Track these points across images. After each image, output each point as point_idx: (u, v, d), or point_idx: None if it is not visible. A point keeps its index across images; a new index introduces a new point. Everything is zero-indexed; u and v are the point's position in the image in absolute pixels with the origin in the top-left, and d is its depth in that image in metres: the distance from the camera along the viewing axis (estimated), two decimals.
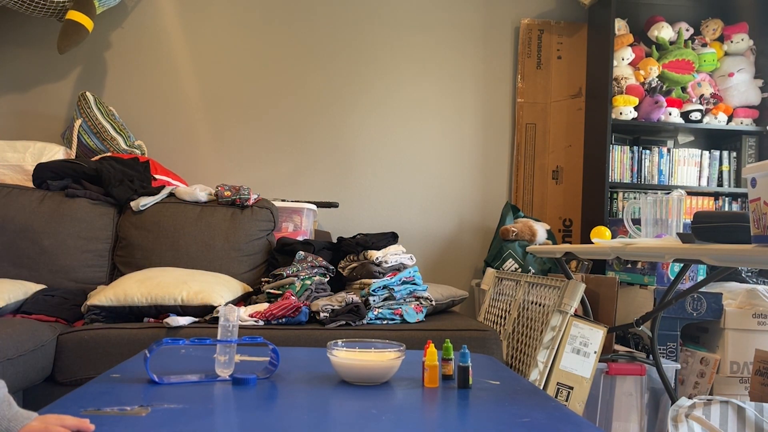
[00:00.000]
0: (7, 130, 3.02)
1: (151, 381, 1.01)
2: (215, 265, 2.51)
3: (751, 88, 3.18)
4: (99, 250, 2.57)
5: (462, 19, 3.34)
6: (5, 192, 2.55)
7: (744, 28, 3.19)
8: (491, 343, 2.07)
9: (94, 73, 3.13)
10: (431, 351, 1.07)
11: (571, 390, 2.07)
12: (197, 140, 3.18)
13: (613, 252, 1.81)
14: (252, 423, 0.86)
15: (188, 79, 3.19)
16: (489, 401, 1.00)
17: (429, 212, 3.30)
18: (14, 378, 1.73)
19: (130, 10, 3.15)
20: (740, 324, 2.45)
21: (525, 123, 3.34)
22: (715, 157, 3.21)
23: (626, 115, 3.05)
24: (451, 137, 3.33)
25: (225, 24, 3.21)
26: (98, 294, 2.12)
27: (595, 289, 2.40)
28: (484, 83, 3.35)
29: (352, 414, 0.93)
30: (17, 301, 2.15)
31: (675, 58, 3.13)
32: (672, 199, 1.89)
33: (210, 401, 0.95)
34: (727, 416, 1.76)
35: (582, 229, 3.27)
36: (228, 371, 1.06)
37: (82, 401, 0.90)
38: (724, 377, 2.42)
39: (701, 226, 1.33)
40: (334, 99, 3.25)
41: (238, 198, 2.63)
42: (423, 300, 2.25)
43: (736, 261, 1.20)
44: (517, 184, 3.34)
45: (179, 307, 2.08)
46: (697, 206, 3.15)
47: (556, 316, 2.11)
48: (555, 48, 3.36)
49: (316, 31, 3.26)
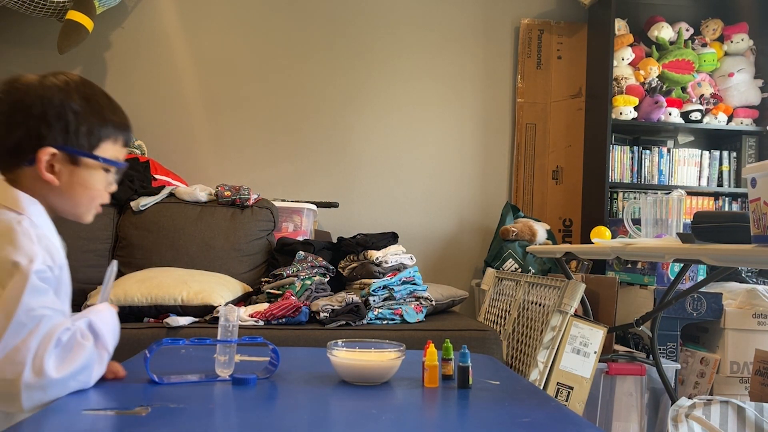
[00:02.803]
0: None
1: (151, 381, 1.01)
2: (215, 265, 2.51)
3: (751, 88, 3.18)
4: (99, 250, 2.57)
5: (462, 19, 3.34)
6: None
7: (744, 28, 3.19)
8: (491, 343, 2.07)
9: (94, 73, 3.12)
10: (431, 351, 1.07)
11: (571, 390, 2.07)
12: (197, 140, 3.18)
13: (613, 252, 1.81)
14: (252, 423, 0.86)
15: (188, 79, 3.18)
16: (489, 401, 1.00)
17: (429, 212, 3.30)
18: None
19: (130, 10, 3.15)
20: (740, 324, 2.45)
21: (525, 123, 3.34)
22: (715, 157, 3.21)
23: (626, 115, 3.05)
24: (451, 137, 3.33)
25: (225, 24, 3.21)
26: (98, 294, 2.12)
27: (595, 289, 2.40)
28: (484, 83, 3.35)
29: (352, 414, 0.93)
30: None
31: (675, 58, 3.13)
32: (672, 199, 1.89)
33: (210, 401, 0.95)
34: (727, 416, 1.76)
35: (582, 229, 3.27)
36: (228, 371, 1.06)
37: (82, 401, 0.90)
38: (724, 377, 2.42)
39: (701, 226, 1.33)
40: (335, 99, 3.25)
41: (238, 198, 2.63)
42: (423, 300, 2.25)
43: (736, 261, 1.20)
44: (517, 184, 3.34)
45: (179, 307, 2.08)
46: (697, 206, 3.15)
47: (556, 316, 2.11)
48: (555, 48, 3.36)
49: (317, 31, 3.26)
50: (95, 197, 1.09)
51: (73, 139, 1.02)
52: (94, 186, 1.07)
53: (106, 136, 1.07)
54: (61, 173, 1.03)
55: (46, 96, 1.01)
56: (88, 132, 1.04)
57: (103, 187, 1.09)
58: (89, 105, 1.05)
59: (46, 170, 1.01)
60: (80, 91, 1.04)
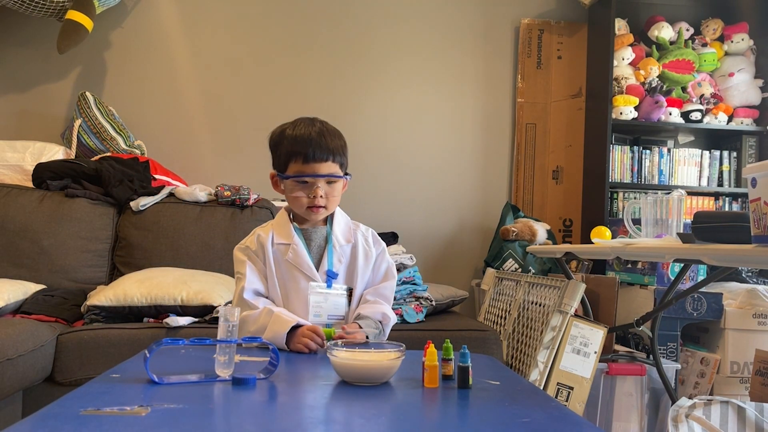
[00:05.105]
0: (7, 130, 3.02)
1: (151, 381, 1.01)
2: (215, 265, 2.51)
3: (752, 88, 3.18)
4: (99, 250, 2.57)
5: (462, 19, 3.34)
6: (5, 192, 2.55)
7: (744, 28, 3.19)
8: (491, 343, 2.06)
9: (94, 73, 3.12)
10: (431, 351, 1.06)
11: (572, 390, 2.07)
12: (197, 140, 3.18)
13: (613, 252, 1.81)
14: (252, 423, 0.86)
15: (188, 79, 3.18)
16: (489, 401, 1.00)
17: (429, 212, 3.30)
18: (13, 378, 1.73)
19: (130, 10, 3.15)
20: (740, 324, 2.45)
21: (525, 123, 3.34)
22: (715, 157, 3.21)
23: (626, 115, 3.05)
24: (451, 137, 3.32)
25: (225, 24, 3.21)
26: (98, 294, 2.12)
27: (595, 289, 2.40)
28: (484, 83, 3.35)
29: (352, 414, 0.92)
30: (17, 301, 2.15)
31: (675, 58, 3.13)
32: (672, 199, 1.89)
33: (210, 401, 0.95)
34: (728, 416, 1.76)
35: (582, 229, 3.27)
36: (228, 371, 1.06)
37: (82, 401, 0.89)
38: (725, 377, 2.42)
39: (701, 226, 1.33)
40: (334, 99, 3.25)
41: (238, 198, 2.63)
42: (423, 300, 2.25)
43: (736, 261, 1.20)
44: (517, 184, 3.34)
45: (179, 307, 2.07)
46: (697, 206, 3.15)
47: (556, 316, 2.11)
48: (555, 48, 3.36)
49: (316, 31, 3.26)
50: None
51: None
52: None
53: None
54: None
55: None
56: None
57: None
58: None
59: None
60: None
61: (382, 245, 1.53)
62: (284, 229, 1.45)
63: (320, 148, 1.40)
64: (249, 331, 1.38)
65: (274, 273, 1.43)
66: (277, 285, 1.43)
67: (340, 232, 1.49)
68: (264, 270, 1.43)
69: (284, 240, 1.44)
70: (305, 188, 1.41)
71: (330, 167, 1.42)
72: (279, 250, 1.44)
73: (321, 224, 1.50)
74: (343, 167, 1.46)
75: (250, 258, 1.44)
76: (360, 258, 1.48)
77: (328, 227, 1.49)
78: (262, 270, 1.43)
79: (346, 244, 1.48)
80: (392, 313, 1.46)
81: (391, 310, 1.47)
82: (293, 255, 1.43)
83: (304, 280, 1.42)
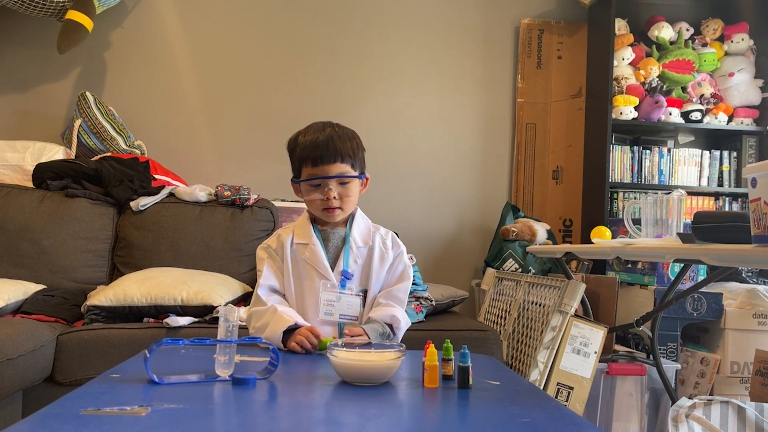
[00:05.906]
0: (7, 130, 3.02)
1: (151, 381, 1.01)
2: (215, 265, 2.51)
3: (752, 88, 3.18)
4: (99, 250, 2.57)
5: (462, 19, 3.34)
6: (5, 192, 2.55)
7: (744, 28, 3.19)
8: (491, 343, 2.06)
9: (94, 73, 3.12)
10: (431, 351, 1.06)
11: (572, 390, 2.07)
12: (197, 140, 3.18)
13: (613, 252, 1.81)
14: (252, 423, 0.86)
15: (188, 79, 3.18)
16: (489, 401, 1.00)
17: (429, 212, 3.30)
18: (13, 378, 1.73)
19: (130, 10, 3.15)
20: (740, 324, 2.45)
21: (525, 123, 3.34)
22: (715, 157, 3.21)
23: (626, 115, 3.05)
24: (451, 137, 3.32)
25: (225, 24, 3.21)
26: (98, 294, 2.12)
27: (595, 289, 2.40)
28: (484, 83, 3.35)
29: (352, 414, 0.92)
30: (17, 301, 2.15)
31: (675, 58, 3.13)
32: (672, 199, 1.89)
33: (210, 401, 0.95)
34: (728, 416, 1.76)
35: (582, 229, 3.27)
36: (228, 371, 1.06)
37: (82, 401, 0.89)
38: (725, 377, 2.42)
39: (701, 226, 1.33)
40: (334, 98, 3.25)
41: (238, 198, 2.63)
42: (423, 300, 2.25)
43: (736, 261, 1.20)
44: (517, 184, 3.34)
45: (179, 307, 2.08)
46: (697, 206, 3.15)
47: (556, 316, 2.11)
48: (555, 48, 3.36)
49: (316, 31, 3.26)
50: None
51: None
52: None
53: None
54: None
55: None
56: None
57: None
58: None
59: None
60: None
61: (400, 248, 1.55)
62: (304, 230, 1.50)
63: (328, 150, 1.43)
64: (253, 327, 1.43)
65: (291, 271, 1.47)
66: (292, 283, 1.47)
67: (358, 234, 1.51)
68: (282, 267, 1.49)
69: (303, 240, 1.49)
70: (318, 190, 1.45)
71: (339, 168, 1.44)
72: (297, 249, 1.48)
73: (341, 226, 1.52)
74: (355, 168, 1.48)
75: (270, 256, 1.50)
76: (375, 260, 1.49)
77: (347, 229, 1.52)
78: (280, 268, 1.49)
79: (364, 246, 1.50)
80: (404, 315, 1.47)
81: (404, 312, 1.47)
82: (310, 254, 1.46)
83: (318, 279, 1.45)
